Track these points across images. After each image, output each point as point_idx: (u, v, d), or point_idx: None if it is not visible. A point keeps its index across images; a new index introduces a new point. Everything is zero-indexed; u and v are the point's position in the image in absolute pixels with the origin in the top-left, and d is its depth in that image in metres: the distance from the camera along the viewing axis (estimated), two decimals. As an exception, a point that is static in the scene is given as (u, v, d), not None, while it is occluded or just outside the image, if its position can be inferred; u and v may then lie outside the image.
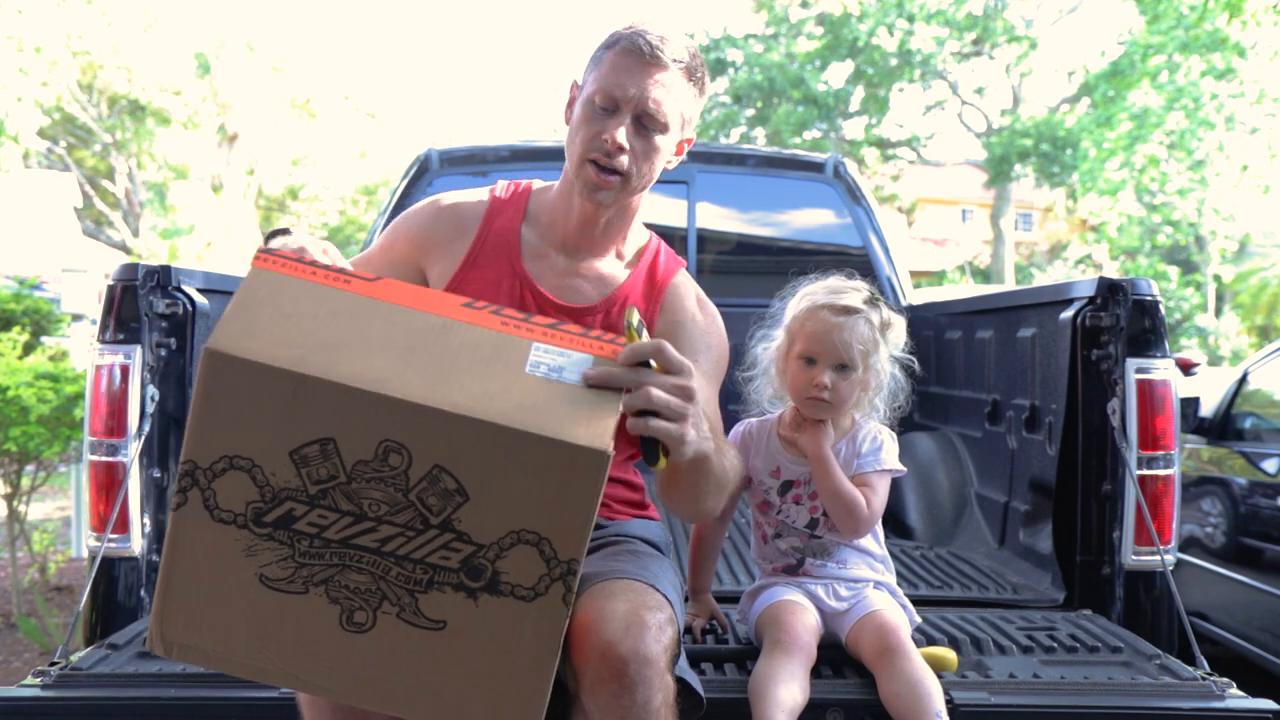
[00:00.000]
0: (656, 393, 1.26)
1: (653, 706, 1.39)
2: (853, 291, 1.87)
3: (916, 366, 1.94)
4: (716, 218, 3.75)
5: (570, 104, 1.73)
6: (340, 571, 1.16)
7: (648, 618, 1.41)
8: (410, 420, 1.14)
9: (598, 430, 1.17)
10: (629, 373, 1.25)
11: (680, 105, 1.67)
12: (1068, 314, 2.28)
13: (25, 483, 4.50)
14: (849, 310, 1.84)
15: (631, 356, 1.26)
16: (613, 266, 1.81)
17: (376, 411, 1.14)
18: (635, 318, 1.31)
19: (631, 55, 1.63)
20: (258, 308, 1.20)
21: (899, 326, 1.90)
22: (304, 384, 1.14)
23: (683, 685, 1.47)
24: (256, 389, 1.14)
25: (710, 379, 1.75)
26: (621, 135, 1.63)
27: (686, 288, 1.84)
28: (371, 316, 1.22)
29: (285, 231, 1.50)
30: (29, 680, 1.71)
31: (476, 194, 1.84)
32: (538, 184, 1.85)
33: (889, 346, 1.88)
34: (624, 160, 1.64)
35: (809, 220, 3.83)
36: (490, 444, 1.14)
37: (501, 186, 1.84)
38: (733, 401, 2.09)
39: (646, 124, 1.65)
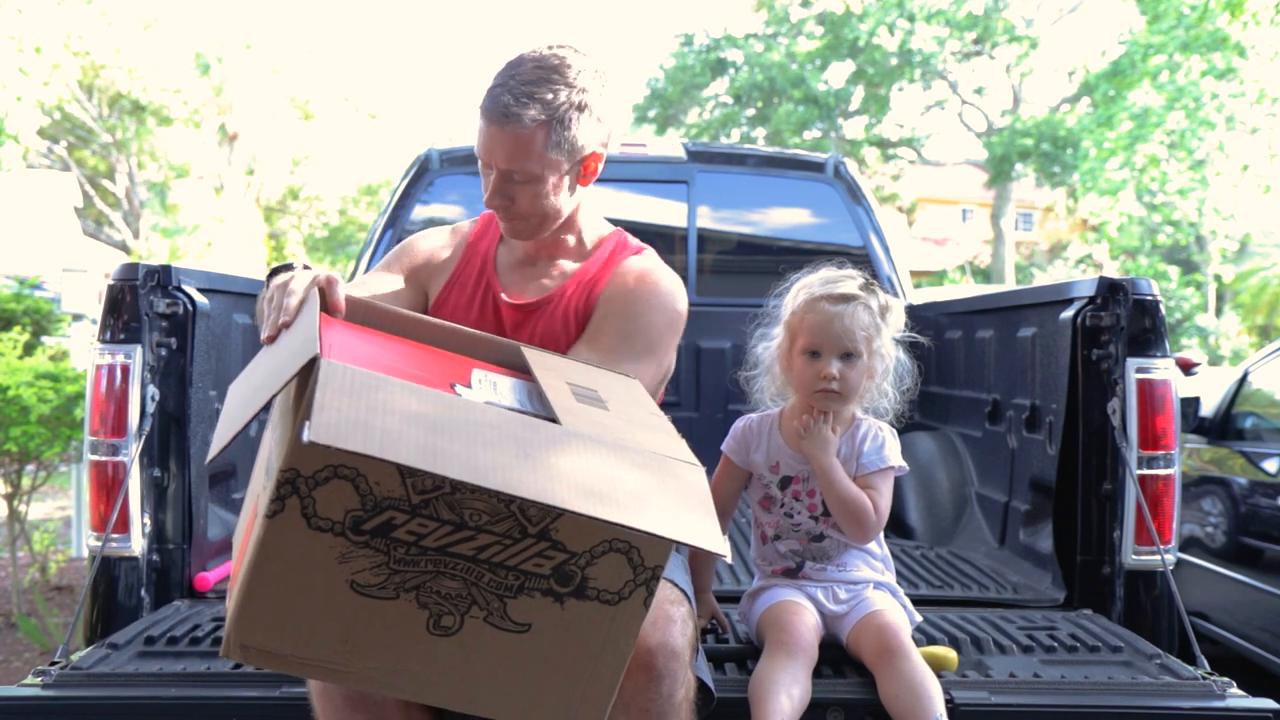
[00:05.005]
0: None
1: (676, 700, 1.42)
2: (848, 279, 1.88)
3: (924, 340, 1.94)
4: (717, 218, 3.74)
5: None
6: (433, 578, 1.16)
7: (671, 611, 1.45)
8: None
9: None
10: None
11: (545, 154, 1.68)
12: (1068, 314, 2.27)
13: (25, 483, 4.50)
14: (847, 298, 1.84)
15: None
16: (572, 265, 1.87)
17: None
18: None
19: (486, 117, 1.68)
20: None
21: (897, 309, 1.91)
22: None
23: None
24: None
25: (628, 356, 1.72)
26: (499, 195, 1.71)
27: (630, 268, 1.84)
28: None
29: (288, 268, 1.48)
30: (29, 680, 1.71)
31: (470, 221, 1.98)
32: None
33: (889, 329, 1.88)
34: (510, 211, 1.73)
35: (809, 220, 3.82)
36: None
37: (485, 214, 1.95)
38: (734, 401, 2.09)
39: (517, 178, 1.70)
